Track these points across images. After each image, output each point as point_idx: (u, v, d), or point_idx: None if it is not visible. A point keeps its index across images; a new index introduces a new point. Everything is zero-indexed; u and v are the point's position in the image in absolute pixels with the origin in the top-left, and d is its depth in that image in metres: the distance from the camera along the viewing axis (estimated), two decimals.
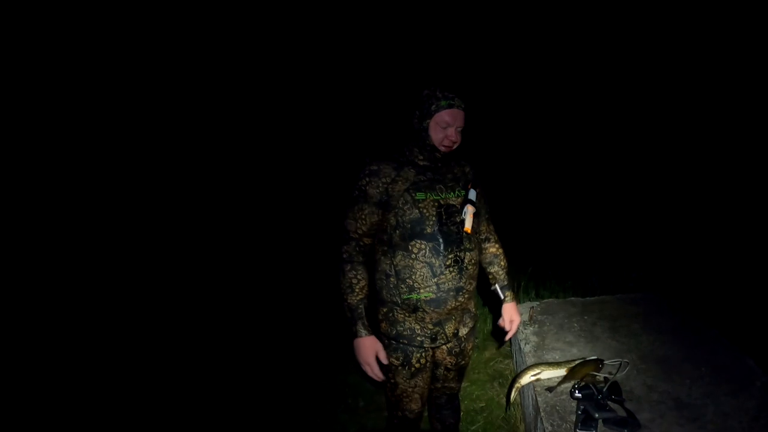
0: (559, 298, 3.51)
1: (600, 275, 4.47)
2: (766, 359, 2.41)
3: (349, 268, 1.89)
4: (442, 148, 1.88)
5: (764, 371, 2.24)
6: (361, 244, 1.92)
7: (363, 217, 1.88)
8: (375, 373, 1.93)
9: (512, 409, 2.79)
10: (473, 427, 2.89)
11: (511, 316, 2.17)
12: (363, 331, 1.89)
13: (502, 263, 2.20)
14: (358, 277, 1.89)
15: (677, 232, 5.47)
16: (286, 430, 3.02)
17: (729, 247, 4.95)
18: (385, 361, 1.94)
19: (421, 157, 1.93)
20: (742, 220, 5.44)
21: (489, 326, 3.96)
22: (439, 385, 2.24)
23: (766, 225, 5.21)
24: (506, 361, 3.50)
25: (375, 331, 1.97)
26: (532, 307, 3.16)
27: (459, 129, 1.89)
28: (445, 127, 1.85)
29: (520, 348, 2.81)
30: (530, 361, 2.55)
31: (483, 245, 2.18)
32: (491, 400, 3.11)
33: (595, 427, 1.92)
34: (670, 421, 1.95)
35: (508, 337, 2.22)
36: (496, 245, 2.21)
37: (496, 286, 2.19)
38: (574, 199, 6.91)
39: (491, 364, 3.51)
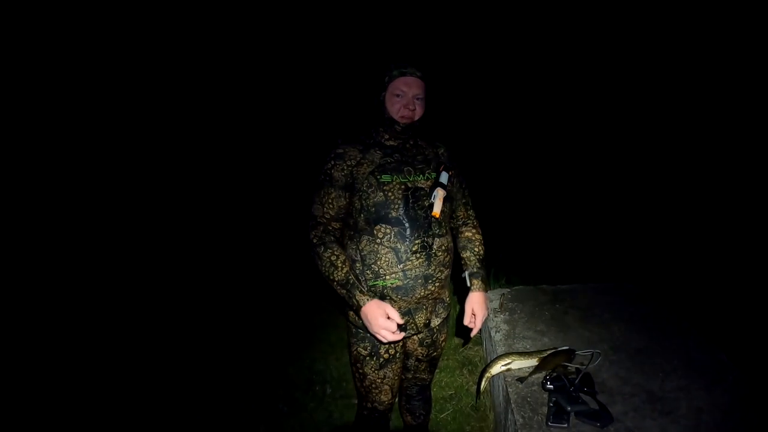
0: (529, 285, 3.47)
1: (571, 263, 4.46)
2: (736, 352, 2.40)
3: (323, 249, 1.76)
4: (401, 120, 1.80)
5: (735, 365, 2.23)
6: (329, 228, 1.81)
7: (329, 201, 1.79)
8: (394, 336, 1.68)
9: (482, 397, 2.75)
10: (442, 415, 2.84)
11: (473, 307, 1.92)
12: (363, 299, 1.69)
13: (476, 249, 2.03)
14: (336, 253, 1.75)
15: (650, 222, 5.50)
16: (251, 418, 2.92)
17: (701, 239, 4.99)
18: (399, 320, 1.70)
19: (386, 136, 1.84)
20: (715, 212, 5.49)
21: (458, 312, 3.92)
22: (410, 376, 2.17)
23: (739, 218, 5.27)
24: (476, 348, 3.46)
25: (344, 319, 1.88)
26: (503, 294, 3.12)
27: (417, 98, 1.81)
28: (400, 96, 1.78)
29: (490, 336, 2.76)
30: (501, 349, 2.49)
31: (460, 229, 2.08)
32: (460, 388, 3.07)
33: (568, 420, 1.86)
34: (643, 415, 1.91)
35: (472, 333, 1.95)
36: (473, 230, 2.08)
37: (466, 272, 2.01)
38: (547, 184, 6.91)
39: (461, 350, 3.47)
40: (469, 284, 1.98)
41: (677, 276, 4.16)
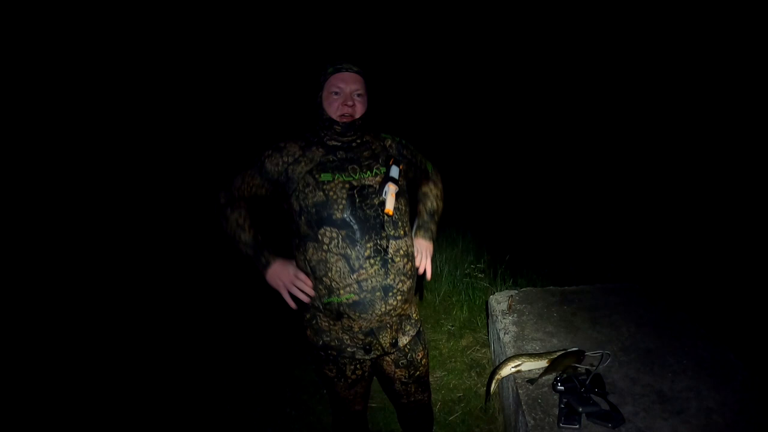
0: (536, 287, 3.48)
1: (578, 264, 4.46)
2: (745, 352, 2.40)
3: (230, 210, 1.77)
4: (341, 119, 1.68)
5: (745, 365, 2.23)
6: (240, 201, 1.80)
7: (251, 185, 1.75)
8: (309, 289, 1.71)
9: (491, 399, 2.76)
10: (451, 418, 2.84)
11: (419, 248, 1.88)
12: (270, 259, 1.74)
13: (428, 203, 1.99)
14: (243, 215, 1.77)
15: (657, 222, 5.49)
16: (259, 421, 2.93)
17: (708, 239, 4.98)
18: (308, 283, 1.70)
19: (328, 137, 1.73)
20: (721, 211, 5.47)
21: (465, 314, 3.92)
22: (405, 401, 2.08)
23: (745, 217, 5.26)
24: (483, 350, 3.46)
25: (301, 339, 1.82)
26: (511, 295, 3.11)
27: (357, 93, 1.70)
28: (337, 94, 1.68)
29: (499, 337, 2.76)
30: (510, 351, 2.50)
31: (420, 186, 2.03)
32: (469, 390, 3.07)
33: (579, 422, 1.88)
34: (654, 415, 1.92)
35: (423, 272, 1.90)
36: (430, 184, 2.03)
37: (415, 224, 1.96)
38: (555, 185, 6.90)
39: (468, 352, 3.47)
40: (414, 234, 1.94)
41: (685, 276, 4.15)
